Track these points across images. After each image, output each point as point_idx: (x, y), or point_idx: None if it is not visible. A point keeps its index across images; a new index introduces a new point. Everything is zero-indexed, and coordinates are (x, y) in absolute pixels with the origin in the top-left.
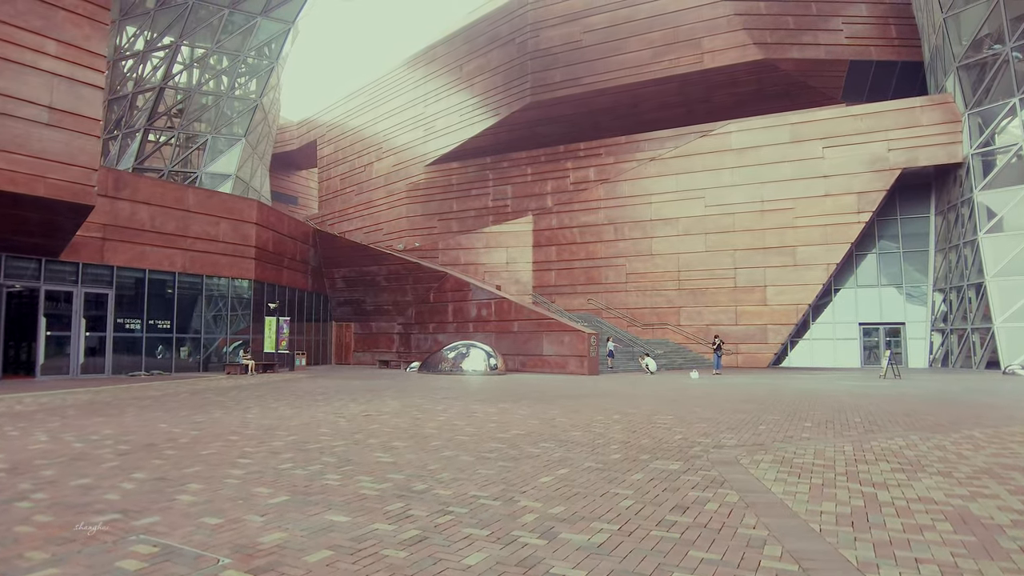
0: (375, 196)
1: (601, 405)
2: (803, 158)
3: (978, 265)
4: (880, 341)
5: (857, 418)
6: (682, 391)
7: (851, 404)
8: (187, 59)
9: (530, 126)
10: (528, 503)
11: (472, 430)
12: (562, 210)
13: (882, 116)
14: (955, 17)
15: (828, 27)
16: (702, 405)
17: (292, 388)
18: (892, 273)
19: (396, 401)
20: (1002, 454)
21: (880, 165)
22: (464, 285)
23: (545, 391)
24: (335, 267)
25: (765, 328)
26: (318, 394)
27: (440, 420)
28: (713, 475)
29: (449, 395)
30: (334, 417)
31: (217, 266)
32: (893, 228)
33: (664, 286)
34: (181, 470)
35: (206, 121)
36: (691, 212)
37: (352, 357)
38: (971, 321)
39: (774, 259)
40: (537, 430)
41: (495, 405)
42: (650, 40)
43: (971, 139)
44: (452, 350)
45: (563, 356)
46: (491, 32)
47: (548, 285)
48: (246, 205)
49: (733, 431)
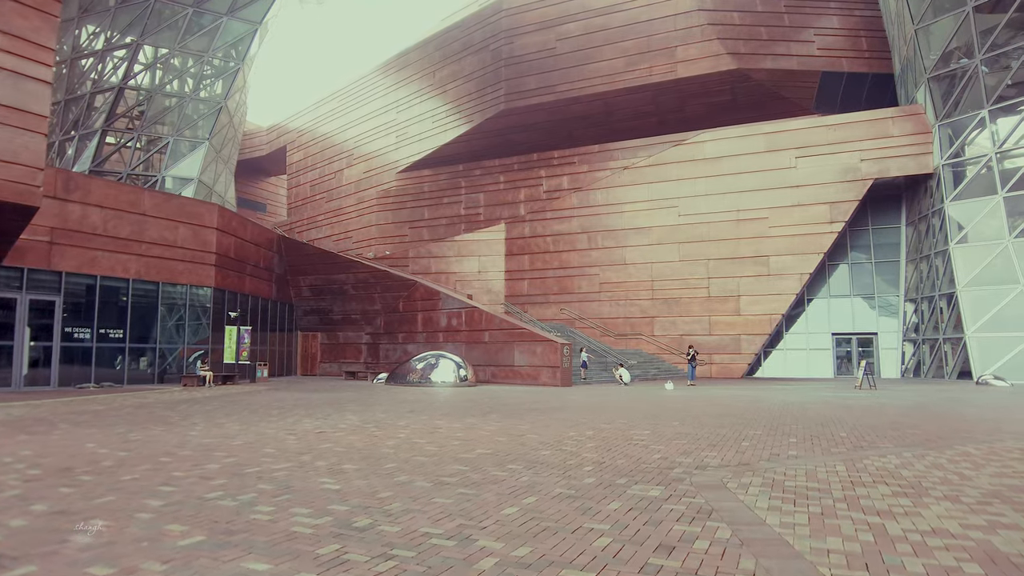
0: (345, 203)
1: (574, 419)
2: (776, 168)
3: (949, 275)
4: (853, 351)
5: (843, 432)
6: (658, 403)
7: (833, 417)
8: (149, 59)
9: (503, 133)
10: (488, 543)
11: (433, 449)
12: (535, 218)
13: (854, 127)
14: (926, 29)
15: (800, 38)
16: (679, 419)
17: (248, 401)
18: (864, 283)
19: (355, 416)
20: (1005, 474)
21: (852, 175)
22: (434, 294)
23: (515, 404)
24: (301, 275)
25: (739, 338)
26: (273, 408)
27: (400, 438)
28: (699, 503)
29: (414, 409)
30: (284, 435)
31: (174, 273)
32: (865, 238)
33: (637, 296)
34: (90, 501)
35: (168, 123)
36: (665, 221)
37: (318, 368)
38: (943, 331)
39: (747, 269)
40: (504, 449)
41: (461, 420)
42: (624, 49)
43: (941, 150)
44: (421, 360)
45: (535, 367)
46: (465, 39)
47: (520, 294)
48: (206, 209)
49: (715, 449)
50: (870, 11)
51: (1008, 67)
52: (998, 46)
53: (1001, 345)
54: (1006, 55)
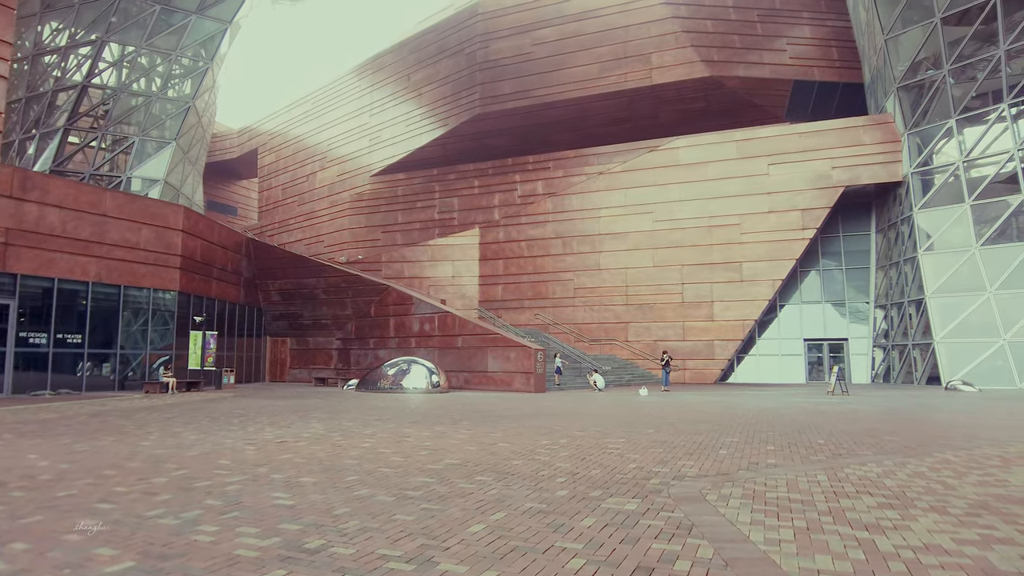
0: (318, 207)
1: (547, 427)
2: (749, 174)
3: (918, 282)
4: (824, 357)
5: (820, 439)
6: (632, 410)
7: (809, 423)
8: (115, 57)
9: (478, 138)
10: (451, 566)
11: (399, 460)
12: (509, 223)
13: (825, 134)
14: (895, 40)
15: (773, 47)
16: (654, 426)
17: (210, 409)
18: (835, 290)
19: (321, 424)
20: (989, 482)
21: (824, 183)
22: (407, 299)
23: (488, 411)
24: (270, 279)
25: (712, 344)
26: (236, 416)
27: (364, 447)
28: (678, 518)
29: (383, 416)
30: (243, 444)
31: (137, 276)
32: (836, 245)
33: (612, 301)
34: (15, 521)
35: (134, 123)
36: (639, 227)
37: (287, 374)
38: (912, 337)
39: (721, 275)
40: (474, 459)
41: (431, 428)
42: (599, 55)
43: (910, 159)
44: (392, 366)
45: (509, 373)
46: (440, 42)
47: (494, 299)
48: (171, 211)
49: (692, 457)
50: (841, 22)
51: (974, 78)
52: (965, 57)
53: (969, 351)
54: (972, 66)
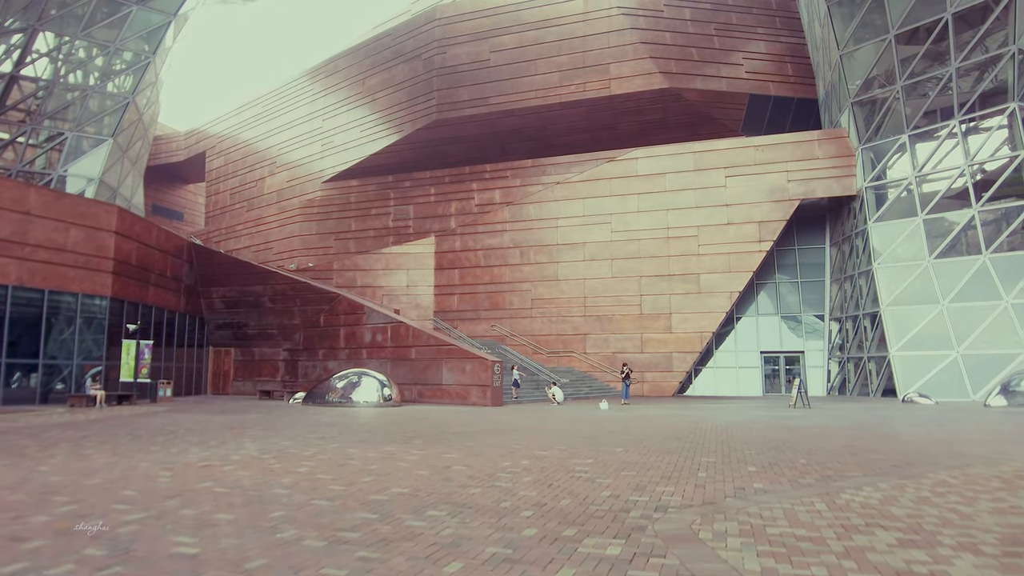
0: (266, 213)
1: (507, 444)
2: (706, 186)
3: (873, 295)
4: (781, 370)
5: (801, 459)
6: (595, 425)
7: (783, 440)
8: (49, 47)
9: (435, 144)
10: None
11: (338, 489)
12: (466, 232)
13: (781, 148)
14: (850, 56)
15: (729, 61)
16: (623, 443)
17: (137, 425)
18: (791, 302)
19: (256, 443)
20: (1004, 509)
21: (780, 195)
22: (358, 308)
23: (443, 426)
24: (213, 286)
25: (670, 356)
26: (163, 434)
27: (300, 472)
28: (673, 566)
29: (327, 433)
30: (159, 469)
31: (64, 280)
32: (791, 258)
33: (570, 312)
34: None
35: (69, 118)
36: (597, 237)
37: (231, 387)
38: (867, 349)
39: (678, 286)
40: (426, 486)
41: (379, 448)
42: (558, 64)
43: (864, 173)
44: (341, 379)
45: (465, 386)
46: (396, 47)
47: (450, 310)
48: (103, 211)
49: (671, 482)
50: (795, 38)
51: (926, 95)
52: (917, 74)
53: (923, 363)
54: (924, 83)
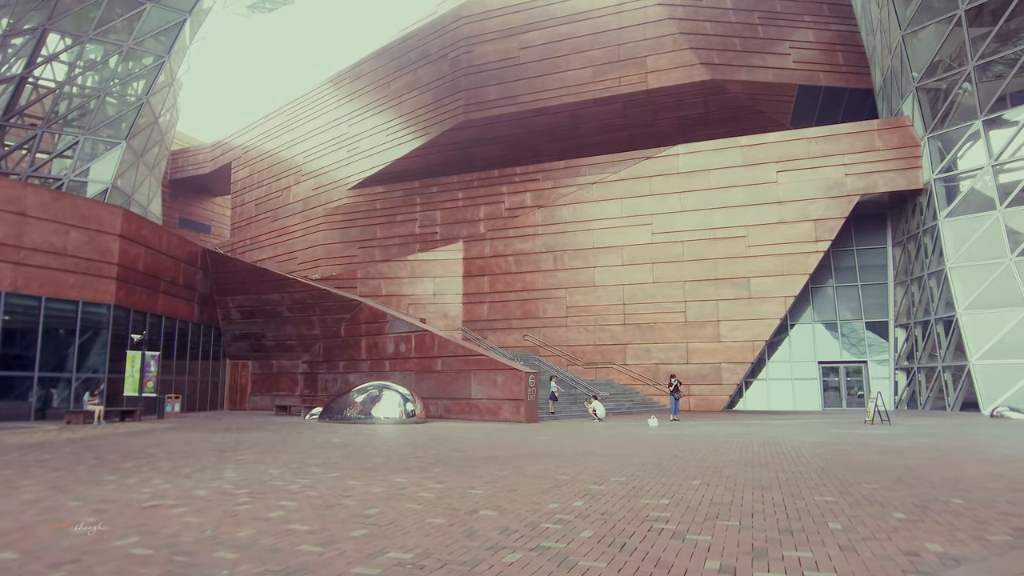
0: (291, 223)
1: (550, 474)
2: (756, 183)
3: (946, 298)
4: (841, 381)
5: (953, 498)
6: (652, 446)
7: (898, 468)
8: (58, 48)
9: (463, 147)
10: None
11: (310, 551)
12: (496, 236)
13: (837, 140)
14: (913, 37)
15: (775, 51)
16: (698, 473)
17: (114, 447)
18: (850, 308)
19: (238, 472)
20: None
21: (837, 191)
22: (380, 316)
23: (469, 448)
24: (230, 295)
25: (719, 367)
26: (134, 458)
27: (270, 520)
28: None
29: (332, 457)
30: (87, 511)
31: (64, 286)
32: (848, 260)
33: (608, 321)
34: None
35: (80, 121)
36: (637, 239)
37: (248, 401)
38: (942, 359)
39: (727, 291)
40: (438, 545)
41: (389, 478)
42: (592, 58)
43: (932, 164)
44: (361, 392)
45: (496, 400)
46: (422, 47)
47: (480, 319)
48: (107, 213)
49: (798, 540)
50: (845, 25)
51: (1001, 75)
52: (989, 55)
53: (1009, 373)
54: (996, 64)
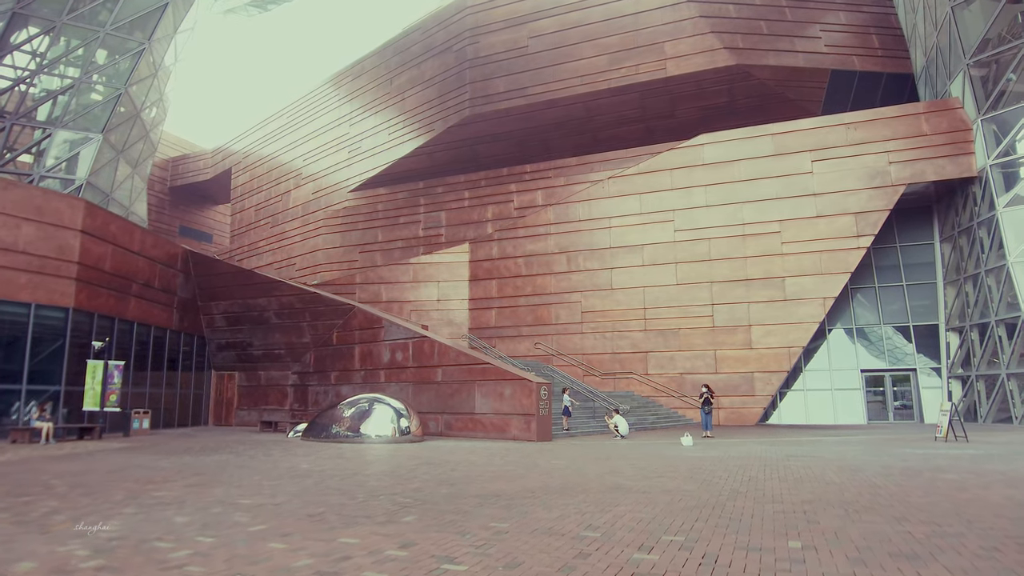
0: (290, 228)
1: (569, 528)
2: (789, 173)
3: (1008, 298)
4: (887, 391)
5: None
6: (698, 475)
7: None
8: (30, 34)
9: (469, 144)
10: None
11: None
12: (504, 237)
13: (879, 125)
14: (963, 10)
15: (805, 34)
16: (781, 521)
17: (20, 475)
18: (895, 310)
19: (127, 521)
20: None
21: (880, 181)
22: (375, 321)
23: (465, 479)
24: (214, 300)
25: (752, 376)
26: (16, 496)
27: None
28: None
29: (280, 495)
30: None
31: (12, 287)
32: (891, 258)
33: (627, 327)
34: None
35: (53, 114)
36: (658, 238)
37: (235, 416)
38: (1005, 365)
39: (759, 293)
40: None
41: (335, 535)
42: (606, 45)
43: (987, 149)
44: (350, 406)
45: (503, 415)
46: (425, 41)
47: (487, 326)
48: (67, 205)
49: None
50: (880, 7)
51: None
52: None
53: None
54: None
